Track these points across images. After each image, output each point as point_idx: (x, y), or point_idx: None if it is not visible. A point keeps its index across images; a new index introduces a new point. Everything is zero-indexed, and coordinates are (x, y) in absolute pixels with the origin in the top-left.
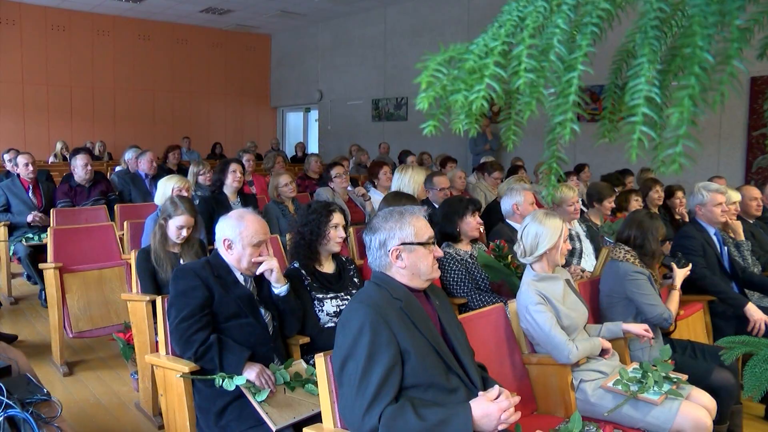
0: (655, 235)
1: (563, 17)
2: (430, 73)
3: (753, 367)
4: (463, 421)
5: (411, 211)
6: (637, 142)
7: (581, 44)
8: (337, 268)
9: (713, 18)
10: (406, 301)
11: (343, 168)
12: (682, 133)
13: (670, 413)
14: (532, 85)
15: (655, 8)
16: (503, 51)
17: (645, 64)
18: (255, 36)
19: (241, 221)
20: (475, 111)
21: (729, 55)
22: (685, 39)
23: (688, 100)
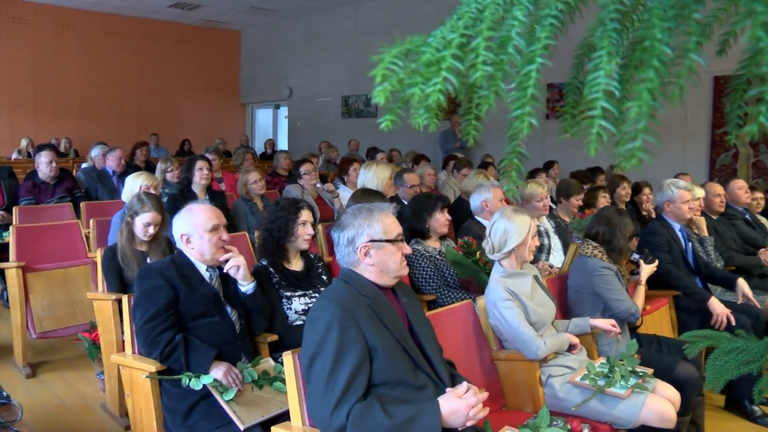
0: (623, 232)
1: (522, 9)
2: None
3: (714, 360)
4: (432, 418)
5: (380, 208)
6: (595, 137)
7: (540, 37)
8: (306, 266)
9: (672, 11)
10: (374, 298)
11: (312, 165)
12: (641, 128)
13: (636, 407)
14: (490, 78)
15: (615, 1)
16: (461, 43)
17: (604, 57)
18: (224, 32)
19: (191, 212)
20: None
21: (687, 49)
22: (645, 32)
23: (647, 93)
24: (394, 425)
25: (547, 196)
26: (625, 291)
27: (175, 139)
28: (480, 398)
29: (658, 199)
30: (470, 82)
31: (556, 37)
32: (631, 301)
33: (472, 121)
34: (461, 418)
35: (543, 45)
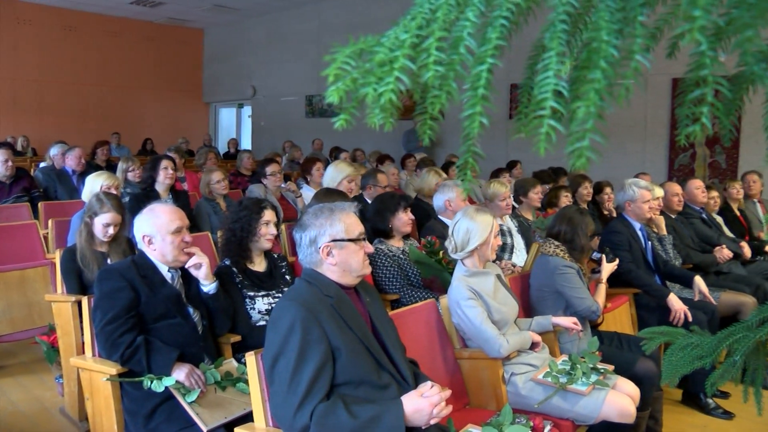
0: (584, 231)
1: (474, 10)
2: (338, 65)
3: (670, 355)
4: (395, 417)
5: (341, 208)
6: (544, 136)
7: (491, 37)
8: (269, 266)
9: (619, 14)
10: (336, 298)
11: (278, 166)
12: (589, 127)
13: (597, 403)
14: (442, 78)
15: (564, 2)
16: (414, 44)
17: (553, 58)
18: (187, 30)
19: (153, 213)
20: (385, 104)
21: (632, 51)
22: (592, 33)
23: (594, 94)
24: (357, 425)
25: (510, 195)
26: (586, 289)
27: (138, 138)
28: (443, 396)
29: (620, 198)
30: (423, 82)
31: (509, 38)
32: (593, 299)
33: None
34: (425, 416)
35: (494, 46)
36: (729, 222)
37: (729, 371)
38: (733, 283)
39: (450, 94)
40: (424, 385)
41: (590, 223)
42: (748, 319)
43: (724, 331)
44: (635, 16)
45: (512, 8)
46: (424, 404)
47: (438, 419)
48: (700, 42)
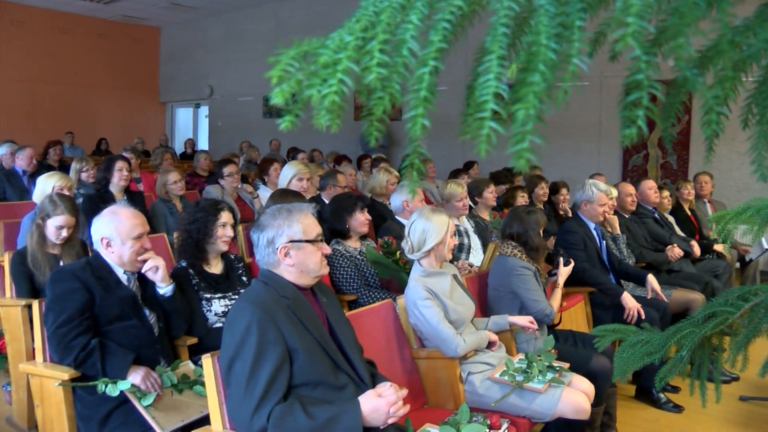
0: (535, 229)
1: (417, 13)
2: (282, 67)
3: (621, 352)
4: (352, 417)
5: (299, 209)
6: (485, 138)
7: (433, 40)
8: (226, 268)
9: (558, 18)
10: (293, 299)
11: (235, 167)
12: (528, 129)
13: (552, 400)
14: (385, 80)
15: (506, 6)
16: (357, 46)
17: (494, 60)
18: (143, 28)
19: (116, 216)
20: (331, 106)
21: (570, 55)
22: (532, 37)
23: (533, 96)
24: (314, 426)
25: (466, 195)
26: (542, 292)
27: (92, 138)
28: (400, 396)
29: (578, 197)
30: (366, 84)
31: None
32: (547, 303)
33: (374, 122)
34: (382, 416)
35: (436, 48)
36: (680, 221)
37: (677, 366)
38: (684, 280)
39: (393, 96)
40: (382, 385)
41: (540, 219)
42: (694, 315)
43: (672, 327)
44: (573, 21)
45: (454, 11)
46: (381, 404)
47: (395, 419)
48: (633, 47)
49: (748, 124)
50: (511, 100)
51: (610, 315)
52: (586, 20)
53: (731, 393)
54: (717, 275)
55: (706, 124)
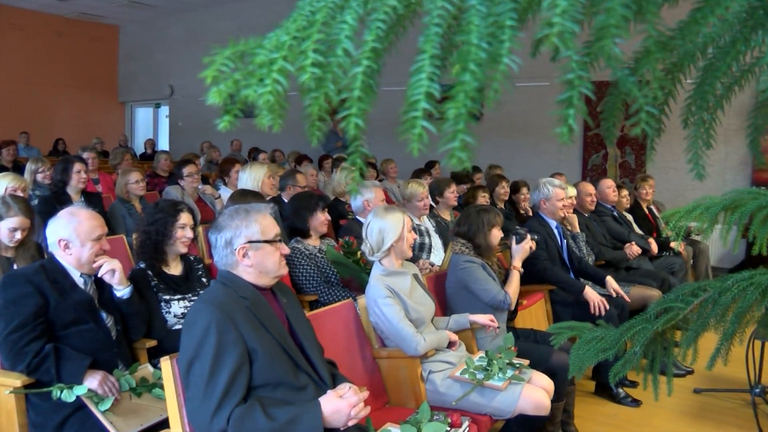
0: (483, 229)
1: (352, 13)
2: (217, 67)
3: (577, 349)
4: (313, 418)
5: (257, 209)
6: (417, 137)
7: (367, 40)
8: (185, 269)
9: (490, 18)
10: (252, 299)
11: (195, 167)
12: (460, 128)
13: (513, 397)
14: (320, 80)
15: (438, 6)
16: (292, 46)
17: (426, 60)
18: (101, 26)
19: (74, 217)
20: (272, 106)
21: (499, 54)
22: (463, 37)
23: (464, 95)
24: (275, 427)
25: (427, 195)
26: (492, 280)
27: (48, 138)
28: (361, 397)
29: (535, 197)
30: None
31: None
32: (499, 288)
33: (315, 122)
34: (343, 417)
35: (370, 48)
36: (638, 219)
37: (630, 361)
38: (642, 278)
39: (328, 96)
40: (342, 386)
41: (492, 218)
42: (646, 311)
43: (625, 324)
44: (505, 20)
45: (389, 11)
46: (342, 405)
47: (356, 420)
48: (560, 47)
49: (687, 124)
50: (443, 99)
51: (569, 312)
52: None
53: (686, 386)
54: (673, 272)
55: (636, 123)
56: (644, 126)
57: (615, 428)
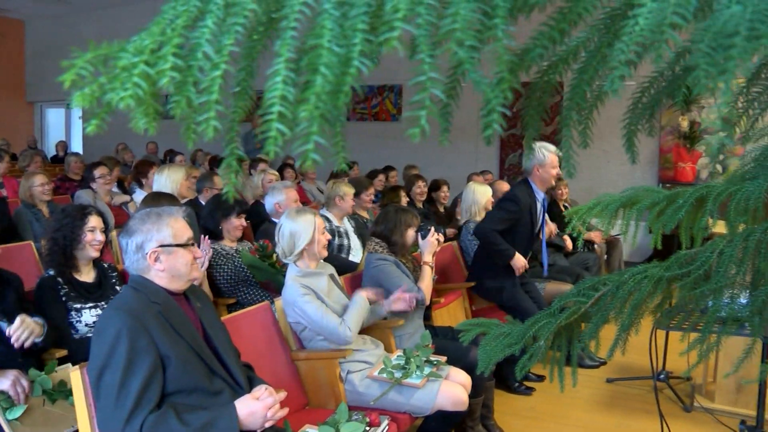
0: (400, 228)
1: (212, 17)
2: (76, 71)
3: (484, 345)
4: (228, 421)
5: (169, 212)
6: (272, 139)
7: (225, 44)
8: (98, 276)
9: (342, 21)
10: (165, 305)
11: (107, 169)
12: (313, 131)
13: (431, 394)
14: (179, 84)
15: (295, 11)
16: (153, 49)
17: (281, 63)
18: (4, 20)
19: None
20: (146, 109)
21: (350, 57)
22: (315, 40)
23: (315, 98)
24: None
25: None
26: (405, 277)
27: None
28: (277, 398)
29: (528, 164)
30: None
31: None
32: (412, 285)
33: (191, 125)
34: (259, 419)
35: (227, 51)
36: (554, 217)
37: (535, 355)
38: (557, 273)
39: (189, 100)
40: (258, 388)
41: (410, 219)
42: (550, 306)
43: (530, 319)
44: (356, 24)
45: (248, 15)
46: (258, 407)
47: (273, 421)
48: (398, 49)
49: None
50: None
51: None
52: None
53: (599, 376)
54: (587, 267)
55: (486, 124)
56: (495, 126)
57: (534, 420)
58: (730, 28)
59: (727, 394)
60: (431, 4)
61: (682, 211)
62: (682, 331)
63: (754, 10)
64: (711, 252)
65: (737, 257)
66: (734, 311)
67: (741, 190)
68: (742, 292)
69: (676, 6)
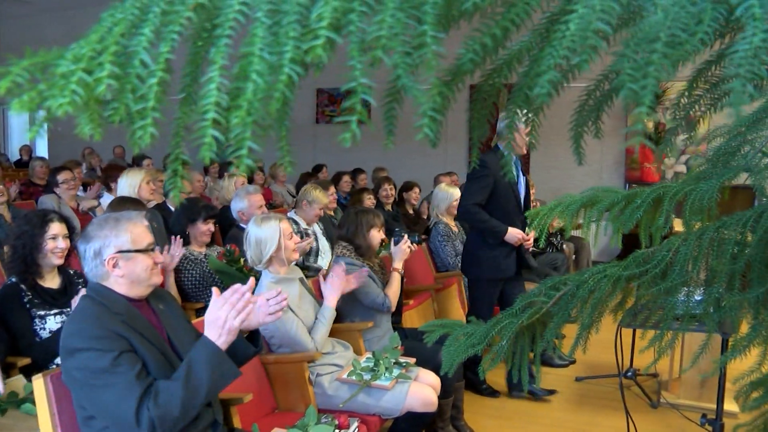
0: (362, 230)
1: (149, 25)
2: (12, 78)
3: (448, 346)
4: (202, 345)
5: (128, 217)
6: (206, 146)
7: (162, 51)
8: (63, 282)
9: (273, 28)
10: (128, 314)
11: (71, 174)
12: (246, 136)
13: (400, 396)
14: (117, 91)
15: (230, 19)
16: (92, 57)
17: (216, 71)
18: None
19: None
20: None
21: (281, 65)
22: (246, 47)
23: (247, 105)
24: (182, 381)
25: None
26: (373, 283)
27: None
28: (236, 289)
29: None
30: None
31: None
32: (380, 292)
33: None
34: (222, 316)
35: (164, 59)
36: None
37: (498, 355)
38: (525, 273)
39: (128, 107)
40: None
41: (372, 219)
42: (512, 306)
43: (493, 319)
44: (288, 32)
45: (184, 23)
46: (218, 305)
47: (245, 313)
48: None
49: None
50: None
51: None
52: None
53: (569, 375)
54: (556, 267)
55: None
56: (426, 131)
57: (504, 420)
58: (652, 34)
59: (691, 389)
60: (364, 12)
61: (640, 211)
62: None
63: (675, 18)
64: (667, 251)
65: (692, 255)
66: (690, 308)
67: (696, 190)
68: (697, 289)
69: (601, 13)
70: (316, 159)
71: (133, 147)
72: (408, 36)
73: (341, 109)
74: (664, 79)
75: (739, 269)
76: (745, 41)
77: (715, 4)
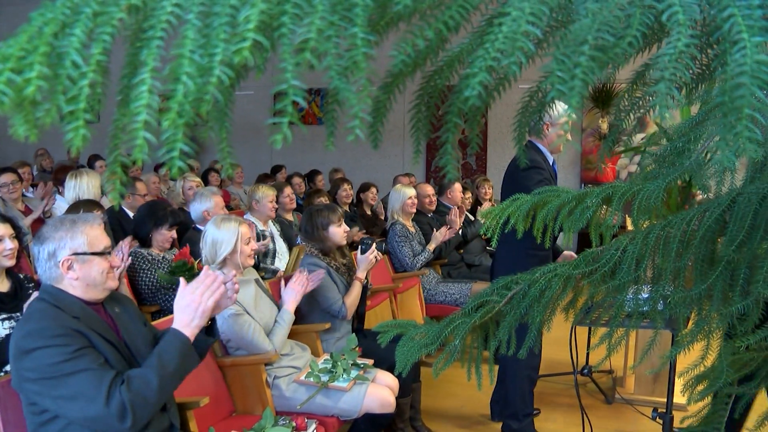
0: (318, 230)
1: (81, 26)
2: None
3: (402, 345)
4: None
5: (84, 219)
6: (139, 148)
7: (93, 53)
8: (13, 286)
9: (204, 30)
10: (83, 318)
11: (12, 176)
12: (178, 138)
13: (358, 397)
14: (49, 92)
15: (162, 21)
16: (19, 57)
17: (147, 73)
18: None
19: None
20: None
21: (212, 67)
22: (176, 50)
23: (177, 106)
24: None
25: (274, 199)
26: (334, 287)
27: None
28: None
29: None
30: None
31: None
32: (338, 297)
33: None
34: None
35: (95, 60)
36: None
37: (451, 354)
38: (483, 274)
39: (60, 108)
40: None
41: (327, 217)
42: (464, 306)
43: (446, 318)
44: (219, 33)
45: (116, 25)
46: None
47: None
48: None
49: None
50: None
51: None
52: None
53: None
54: None
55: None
56: (357, 132)
57: (462, 420)
58: (580, 38)
59: (645, 384)
60: (297, 15)
61: (590, 211)
62: (595, 326)
63: (603, 22)
64: (615, 249)
65: (639, 254)
66: (638, 305)
67: (643, 190)
68: (645, 287)
69: (531, 16)
70: (274, 160)
71: (68, 148)
72: (341, 38)
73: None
74: (591, 81)
75: (684, 267)
76: (670, 45)
77: (644, 9)
